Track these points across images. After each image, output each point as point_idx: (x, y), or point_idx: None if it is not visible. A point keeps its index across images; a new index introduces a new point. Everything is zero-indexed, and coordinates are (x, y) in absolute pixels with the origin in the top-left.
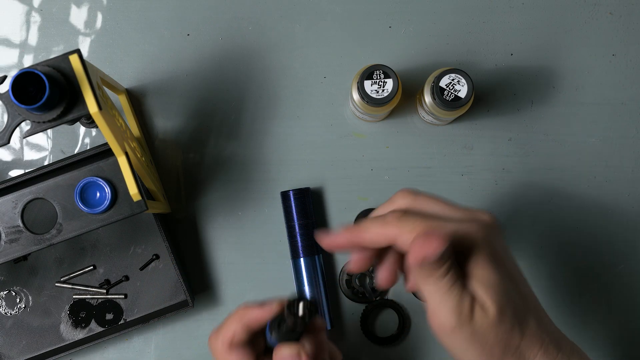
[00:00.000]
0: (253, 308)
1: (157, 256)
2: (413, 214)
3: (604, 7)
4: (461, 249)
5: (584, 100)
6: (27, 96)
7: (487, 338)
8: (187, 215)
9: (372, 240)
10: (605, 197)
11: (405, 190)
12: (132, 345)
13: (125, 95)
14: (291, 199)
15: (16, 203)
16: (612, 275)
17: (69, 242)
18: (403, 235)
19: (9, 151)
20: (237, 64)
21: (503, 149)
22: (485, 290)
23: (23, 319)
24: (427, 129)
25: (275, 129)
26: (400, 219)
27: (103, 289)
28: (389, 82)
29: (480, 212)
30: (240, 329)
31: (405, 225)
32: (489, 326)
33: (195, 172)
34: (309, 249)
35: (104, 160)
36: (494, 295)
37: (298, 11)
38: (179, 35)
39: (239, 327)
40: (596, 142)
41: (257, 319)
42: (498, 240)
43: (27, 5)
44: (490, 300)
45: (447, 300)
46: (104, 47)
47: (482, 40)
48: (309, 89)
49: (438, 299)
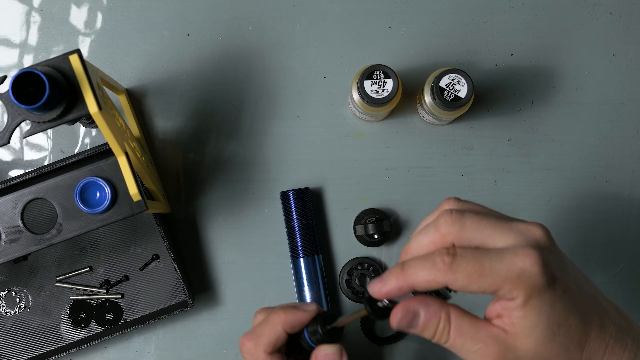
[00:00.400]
0: (293, 311)
1: (157, 256)
2: (464, 257)
3: (604, 7)
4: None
5: (584, 100)
6: (27, 96)
7: None
8: (187, 215)
9: (422, 287)
10: (605, 197)
11: (450, 215)
12: (132, 345)
13: (125, 95)
14: (291, 199)
15: (16, 203)
16: (612, 276)
17: (69, 242)
18: (457, 282)
19: (9, 151)
20: (237, 64)
21: (503, 149)
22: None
23: (23, 319)
24: (427, 129)
25: (275, 129)
26: (452, 266)
27: (103, 289)
28: (389, 82)
29: (532, 229)
30: (283, 333)
31: (458, 271)
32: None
33: (195, 172)
34: (309, 249)
35: (104, 160)
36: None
37: (298, 11)
38: (179, 35)
39: (282, 332)
40: (596, 142)
41: (299, 322)
42: (552, 260)
43: (27, 5)
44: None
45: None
46: (104, 47)
47: (482, 40)
48: (309, 89)
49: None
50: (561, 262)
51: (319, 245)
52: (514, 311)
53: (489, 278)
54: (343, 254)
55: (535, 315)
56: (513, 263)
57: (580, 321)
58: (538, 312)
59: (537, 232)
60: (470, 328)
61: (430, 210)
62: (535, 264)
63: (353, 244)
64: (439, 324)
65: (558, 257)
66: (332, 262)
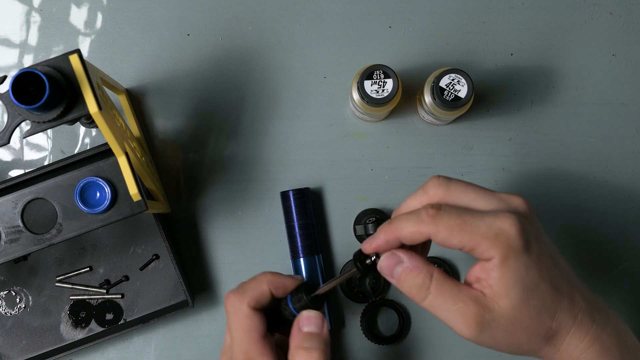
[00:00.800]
0: (279, 274)
1: (157, 256)
2: (447, 211)
3: (604, 7)
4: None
5: (584, 100)
6: (27, 96)
7: (510, 332)
8: (187, 215)
9: (408, 239)
10: (605, 197)
11: (437, 178)
12: (132, 345)
13: (125, 95)
14: (291, 199)
15: (16, 203)
16: (612, 276)
17: (69, 242)
18: (439, 234)
19: (9, 151)
20: (237, 64)
21: (503, 149)
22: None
23: (23, 319)
24: (427, 129)
25: (275, 129)
26: (435, 218)
27: (103, 289)
28: (389, 82)
29: (514, 198)
30: (268, 292)
31: (440, 223)
32: (507, 323)
33: (195, 172)
34: (309, 249)
35: (104, 160)
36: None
37: (298, 11)
38: (179, 35)
39: (267, 290)
40: (596, 142)
41: (284, 285)
42: (530, 227)
43: (27, 5)
44: (506, 298)
45: (452, 316)
46: (104, 47)
47: (482, 40)
48: (309, 89)
49: (443, 313)
50: (538, 232)
51: (319, 245)
52: (491, 272)
53: (469, 233)
54: (343, 254)
55: (512, 276)
56: (493, 223)
57: (552, 289)
58: (514, 274)
59: (518, 201)
60: (451, 289)
61: None
62: (513, 226)
63: (353, 244)
64: (418, 276)
65: (536, 227)
66: (332, 262)
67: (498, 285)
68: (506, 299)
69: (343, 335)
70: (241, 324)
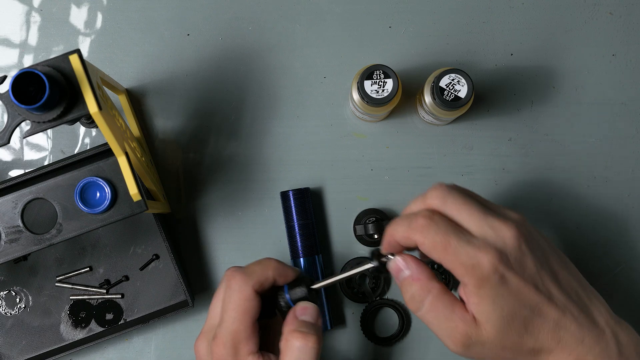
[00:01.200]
0: (285, 264)
1: (157, 256)
2: (436, 225)
3: (604, 7)
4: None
5: (584, 100)
6: (27, 96)
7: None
8: (187, 215)
9: (402, 242)
10: (605, 197)
11: (439, 187)
12: (132, 345)
13: (125, 95)
14: (291, 199)
15: (16, 203)
16: (612, 276)
17: (69, 242)
18: (423, 246)
19: (9, 151)
20: (237, 64)
21: (503, 149)
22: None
23: (23, 319)
24: (427, 129)
25: (275, 129)
26: (424, 228)
27: (103, 289)
28: (389, 82)
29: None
30: (272, 279)
31: (427, 236)
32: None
33: (195, 172)
34: (309, 249)
35: (104, 160)
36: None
37: (298, 11)
38: (179, 35)
39: (271, 277)
40: (596, 142)
41: (286, 274)
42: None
43: (27, 5)
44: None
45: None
46: (104, 47)
47: (482, 40)
48: (309, 89)
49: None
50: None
51: (319, 245)
52: (469, 296)
53: (450, 256)
54: (343, 254)
55: (488, 304)
56: (473, 254)
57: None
58: (490, 302)
59: (507, 233)
60: (445, 307)
61: None
62: (490, 262)
63: (353, 244)
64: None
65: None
66: (332, 262)
67: (477, 310)
68: (488, 324)
69: (343, 335)
70: (240, 304)
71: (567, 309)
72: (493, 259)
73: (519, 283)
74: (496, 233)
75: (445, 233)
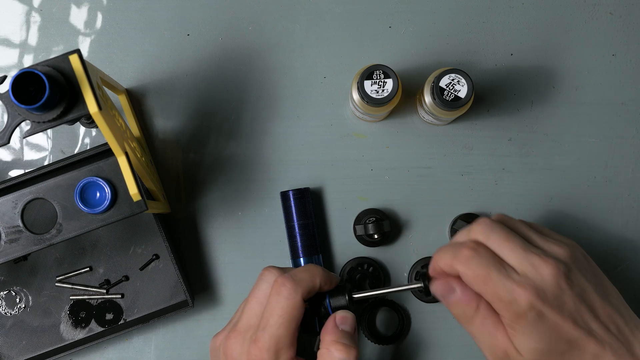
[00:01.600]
0: (329, 272)
1: (157, 256)
2: (480, 256)
3: (604, 7)
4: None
5: (584, 100)
6: (27, 96)
7: None
8: (187, 215)
9: (445, 269)
10: (605, 197)
11: (483, 222)
12: (132, 345)
13: (125, 95)
14: (291, 199)
15: (16, 203)
16: (612, 276)
17: (69, 242)
18: (465, 277)
19: (9, 151)
20: (237, 64)
21: (503, 149)
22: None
23: (23, 319)
24: (427, 129)
25: (275, 129)
26: (467, 259)
27: (103, 289)
28: (389, 82)
29: (544, 267)
30: (317, 286)
31: (470, 268)
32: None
33: (195, 172)
34: (309, 249)
35: (104, 160)
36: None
37: (298, 11)
38: (179, 35)
39: (317, 285)
40: (596, 142)
41: (330, 282)
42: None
43: (27, 5)
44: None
45: (485, 345)
46: (104, 47)
47: (482, 40)
48: (309, 89)
49: (479, 340)
50: (559, 299)
51: (319, 245)
52: (507, 328)
53: (489, 289)
54: (343, 254)
55: (524, 338)
56: (512, 290)
57: (569, 348)
58: (527, 337)
59: (545, 271)
60: (492, 325)
61: (430, 211)
62: (526, 299)
63: (353, 244)
64: (468, 307)
65: (558, 294)
66: (332, 262)
67: (514, 340)
68: (525, 353)
69: None
70: (288, 311)
71: (607, 343)
72: (530, 296)
73: (557, 318)
74: (536, 270)
75: (487, 266)
